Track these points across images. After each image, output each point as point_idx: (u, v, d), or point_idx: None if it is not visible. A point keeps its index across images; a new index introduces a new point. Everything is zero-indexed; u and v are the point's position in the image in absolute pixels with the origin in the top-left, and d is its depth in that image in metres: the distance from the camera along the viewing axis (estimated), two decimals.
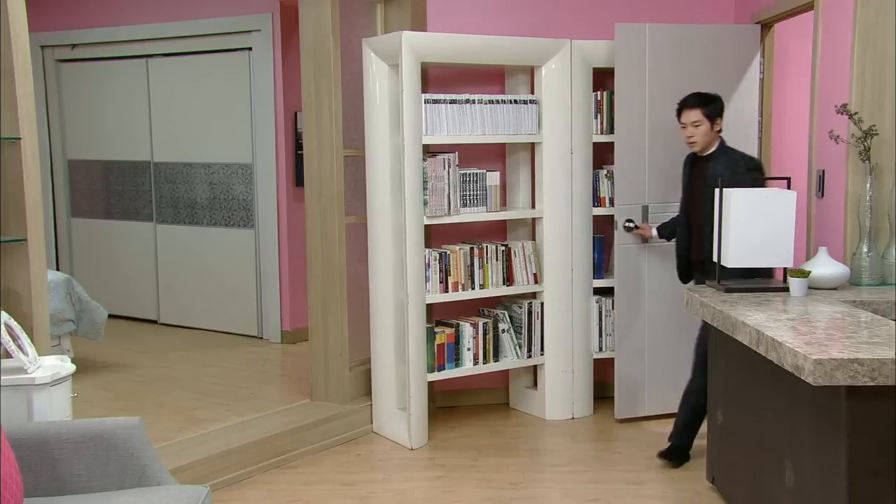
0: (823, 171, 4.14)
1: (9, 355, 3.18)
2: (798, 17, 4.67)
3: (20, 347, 3.20)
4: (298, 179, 6.51)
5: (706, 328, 4.03)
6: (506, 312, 4.93)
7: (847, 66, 3.91)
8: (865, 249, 3.81)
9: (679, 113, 4.22)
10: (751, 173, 4.04)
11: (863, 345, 2.70)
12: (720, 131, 4.18)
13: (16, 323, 3.29)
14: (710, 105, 4.15)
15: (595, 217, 5.01)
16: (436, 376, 4.72)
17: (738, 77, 4.89)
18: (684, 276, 4.40)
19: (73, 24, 7.45)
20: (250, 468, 4.26)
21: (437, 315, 4.94)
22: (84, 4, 7.42)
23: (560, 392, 5.02)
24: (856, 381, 2.56)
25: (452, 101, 4.65)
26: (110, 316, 6.11)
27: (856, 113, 3.79)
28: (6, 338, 3.15)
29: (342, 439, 4.71)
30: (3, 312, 3.24)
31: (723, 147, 4.20)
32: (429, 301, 4.66)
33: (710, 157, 4.18)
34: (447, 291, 4.73)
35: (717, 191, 3.81)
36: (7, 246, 3.48)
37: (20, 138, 3.45)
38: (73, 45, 7.56)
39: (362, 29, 4.92)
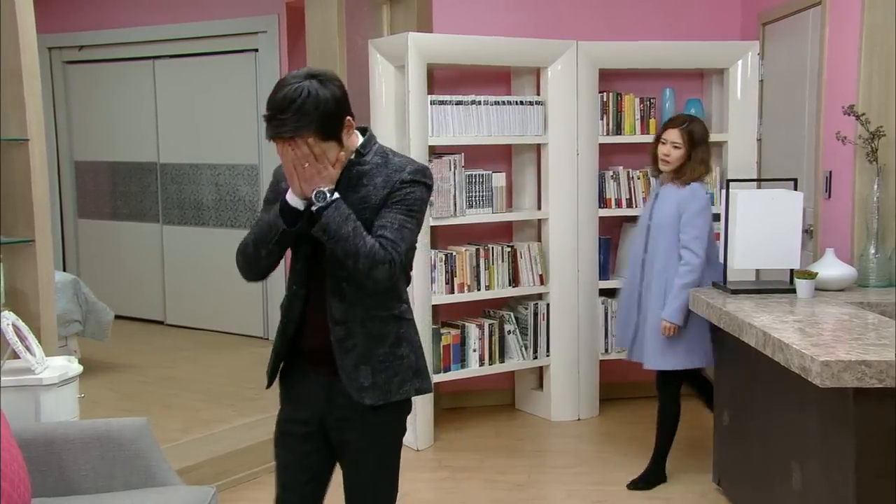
0: (830, 172, 4.13)
1: (16, 356, 3.19)
2: None
3: (27, 348, 3.21)
4: None
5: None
6: (511, 313, 4.93)
7: (854, 67, 3.91)
8: (872, 251, 3.80)
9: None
10: (416, 185, 2.26)
11: (870, 346, 2.69)
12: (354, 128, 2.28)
13: (23, 323, 3.30)
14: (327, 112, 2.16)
15: (601, 218, 5.01)
16: (441, 377, 4.72)
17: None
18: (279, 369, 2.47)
19: (81, 26, 7.47)
20: (256, 469, 4.25)
21: (443, 316, 4.93)
22: (91, 6, 7.43)
23: (566, 393, 5.01)
24: (863, 382, 2.55)
25: (458, 103, 4.65)
26: (117, 317, 6.12)
27: (863, 114, 3.79)
28: (14, 338, 3.16)
29: None
30: (10, 313, 3.25)
31: (378, 148, 2.33)
32: (434, 302, 4.65)
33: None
34: (453, 292, 4.73)
35: (721, 191, 3.79)
36: (15, 247, 3.49)
37: (28, 140, 3.46)
38: (81, 47, 7.58)
39: (368, 30, 4.93)
